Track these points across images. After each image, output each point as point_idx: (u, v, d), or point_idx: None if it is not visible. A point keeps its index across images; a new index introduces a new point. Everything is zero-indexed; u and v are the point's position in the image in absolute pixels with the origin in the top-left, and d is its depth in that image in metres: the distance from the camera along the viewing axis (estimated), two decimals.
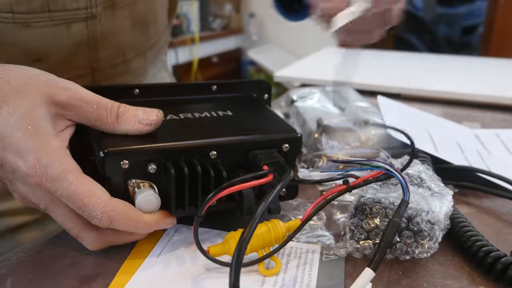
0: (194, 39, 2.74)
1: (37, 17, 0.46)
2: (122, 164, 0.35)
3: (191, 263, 0.37)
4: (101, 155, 0.34)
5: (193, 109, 0.44)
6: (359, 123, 0.61)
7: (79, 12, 0.48)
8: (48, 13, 0.46)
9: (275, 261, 0.36)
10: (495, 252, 0.36)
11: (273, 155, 0.38)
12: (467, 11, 4.32)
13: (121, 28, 0.55)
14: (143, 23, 0.58)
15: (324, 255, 0.38)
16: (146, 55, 0.61)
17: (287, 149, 0.40)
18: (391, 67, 1.28)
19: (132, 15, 0.55)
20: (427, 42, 4.28)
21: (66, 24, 0.48)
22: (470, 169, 0.54)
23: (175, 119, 0.42)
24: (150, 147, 0.36)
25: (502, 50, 2.71)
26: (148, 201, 0.35)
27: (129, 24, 0.56)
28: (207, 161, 0.37)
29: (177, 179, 0.36)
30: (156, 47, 0.64)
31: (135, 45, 0.58)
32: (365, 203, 0.38)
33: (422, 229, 0.37)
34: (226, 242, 0.36)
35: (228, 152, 0.38)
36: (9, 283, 0.34)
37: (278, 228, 0.36)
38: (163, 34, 0.66)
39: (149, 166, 0.36)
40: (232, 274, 0.27)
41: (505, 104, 0.91)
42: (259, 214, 0.30)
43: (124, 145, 0.35)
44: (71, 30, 0.49)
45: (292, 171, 0.35)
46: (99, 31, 0.51)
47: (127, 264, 0.37)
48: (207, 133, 0.40)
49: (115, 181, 0.35)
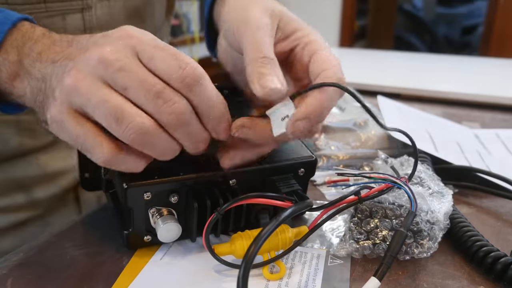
0: (194, 39, 2.74)
1: (33, 8, 0.45)
2: (145, 196, 0.35)
3: (194, 265, 0.37)
4: (124, 187, 0.34)
5: None
6: (359, 123, 0.61)
7: (74, 3, 0.48)
8: (44, 3, 0.46)
9: (280, 266, 0.36)
10: (495, 252, 0.36)
11: (291, 183, 0.39)
12: (467, 11, 4.32)
13: (116, 20, 0.54)
14: (139, 15, 0.58)
15: (330, 260, 0.38)
16: None
17: (303, 173, 0.41)
18: (391, 67, 1.28)
19: (127, 6, 0.55)
20: (427, 42, 4.28)
21: (61, 15, 0.48)
22: (470, 169, 0.54)
23: None
24: (172, 179, 0.36)
25: (502, 50, 2.71)
26: (170, 230, 0.36)
27: (124, 15, 0.55)
28: (226, 188, 0.38)
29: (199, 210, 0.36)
30: None
31: None
32: (365, 203, 0.38)
33: (422, 229, 0.37)
34: (232, 242, 0.36)
35: (247, 179, 0.38)
36: (10, 283, 0.34)
37: (286, 233, 0.36)
38: (160, 29, 0.66)
39: (171, 198, 0.36)
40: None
41: (504, 104, 0.91)
42: (267, 231, 0.31)
43: (146, 176, 0.35)
44: (67, 21, 0.48)
45: (311, 202, 0.36)
46: (95, 22, 0.51)
47: (129, 266, 0.37)
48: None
49: (137, 210, 0.36)
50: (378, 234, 0.37)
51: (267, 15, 0.38)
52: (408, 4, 4.47)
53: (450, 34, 4.41)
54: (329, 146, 0.58)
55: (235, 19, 0.38)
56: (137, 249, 0.39)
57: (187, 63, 0.32)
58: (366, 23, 4.26)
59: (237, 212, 0.38)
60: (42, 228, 0.56)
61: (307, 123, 0.33)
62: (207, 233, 0.34)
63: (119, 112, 0.30)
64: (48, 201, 0.56)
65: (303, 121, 0.33)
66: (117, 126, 0.30)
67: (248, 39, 0.36)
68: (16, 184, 0.54)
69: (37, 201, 0.56)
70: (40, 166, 0.55)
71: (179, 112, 0.31)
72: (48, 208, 0.57)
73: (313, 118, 0.34)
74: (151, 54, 0.31)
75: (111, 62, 0.30)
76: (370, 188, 0.38)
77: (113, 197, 0.43)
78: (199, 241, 0.39)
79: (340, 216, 0.44)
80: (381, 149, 0.56)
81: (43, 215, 0.56)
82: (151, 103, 0.31)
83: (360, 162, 0.56)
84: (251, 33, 0.36)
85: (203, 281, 0.35)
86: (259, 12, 0.37)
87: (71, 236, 0.41)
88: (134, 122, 0.30)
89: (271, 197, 0.36)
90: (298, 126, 0.33)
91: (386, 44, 3.95)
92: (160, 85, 0.31)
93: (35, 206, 0.56)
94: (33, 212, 0.56)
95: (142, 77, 0.31)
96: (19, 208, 0.55)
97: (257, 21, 0.37)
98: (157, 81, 0.31)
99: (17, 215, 0.55)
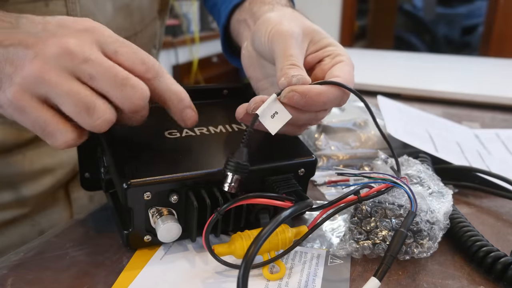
0: (194, 39, 2.74)
1: None
2: (145, 196, 0.35)
3: (194, 266, 0.37)
4: (124, 187, 0.34)
5: (208, 121, 0.44)
6: (359, 123, 0.61)
7: None
8: None
9: (280, 266, 0.36)
10: (495, 252, 0.36)
11: (291, 183, 0.39)
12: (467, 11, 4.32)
13: (102, 10, 0.54)
14: (125, 7, 0.58)
15: (330, 260, 0.38)
16: (131, 42, 0.60)
17: (303, 173, 0.40)
18: (391, 67, 1.28)
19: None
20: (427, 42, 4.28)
21: (44, 1, 0.48)
22: (470, 169, 0.54)
23: (191, 137, 0.41)
24: (173, 177, 0.36)
25: (502, 50, 2.71)
26: (170, 230, 0.36)
27: (110, 7, 0.55)
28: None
29: (199, 209, 0.36)
30: (142, 36, 0.63)
31: (117, 30, 0.57)
32: (365, 203, 0.38)
33: (422, 229, 0.37)
34: (232, 242, 0.36)
35: (247, 179, 0.38)
36: (10, 283, 0.34)
37: (285, 233, 0.36)
38: (150, 24, 0.65)
39: (171, 197, 0.36)
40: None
41: (504, 104, 0.91)
42: (267, 231, 0.31)
43: (146, 175, 0.35)
44: (49, 7, 0.48)
45: (311, 202, 0.36)
46: (79, 12, 0.51)
47: (129, 266, 0.37)
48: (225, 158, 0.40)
49: (137, 210, 0.36)
50: (378, 234, 0.37)
51: (300, 29, 0.42)
52: (408, 4, 4.47)
53: (450, 34, 4.42)
54: (329, 146, 0.58)
55: (268, 30, 0.42)
56: (137, 249, 0.39)
57: (148, 57, 0.35)
58: (366, 23, 4.26)
59: (237, 212, 0.38)
60: (30, 227, 0.55)
61: (300, 99, 0.36)
62: (207, 233, 0.34)
63: (91, 105, 0.32)
64: (36, 199, 0.55)
65: (299, 96, 0.36)
66: (88, 118, 0.32)
67: (280, 46, 0.40)
68: (2, 181, 0.53)
69: (24, 199, 0.55)
70: (26, 162, 0.54)
71: (145, 97, 0.34)
72: (36, 206, 0.56)
73: (308, 99, 0.36)
74: (115, 48, 0.34)
75: (77, 53, 0.32)
76: (370, 187, 0.38)
77: (113, 197, 0.43)
78: (199, 241, 0.39)
79: (340, 216, 0.44)
80: (381, 149, 0.56)
81: (32, 213, 0.55)
82: (117, 90, 0.33)
83: (360, 162, 0.56)
84: (284, 41, 0.40)
85: (203, 281, 0.35)
86: (293, 26, 0.42)
87: (71, 236, 0.41)
88: (106, 115, 0.33)
89: (271, 197, 0.36)
90: (292, 97, 0.36)
91: (386, 44, 3.95)
92: (125, 73, 0.33)
93: (23, 204, 0.55)
94: (20, 211, 0.55)
95: (108, 66, 0.33)
96: (6, 207, 0.54)
97: (290, 31, 0.41)
98: (122, 70, 0.33)
99: (4, 213, 0.54)
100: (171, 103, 0.37)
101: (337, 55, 0.41)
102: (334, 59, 0.41)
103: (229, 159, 0.35)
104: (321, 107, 0.38)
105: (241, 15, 0.53)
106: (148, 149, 0.39)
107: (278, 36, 0.41)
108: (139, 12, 0.61)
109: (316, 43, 0.42)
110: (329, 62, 0.41)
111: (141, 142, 0.39)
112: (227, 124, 0.44)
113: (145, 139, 0.40)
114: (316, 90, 0.37)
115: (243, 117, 0.38)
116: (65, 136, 0.33)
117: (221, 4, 0.58)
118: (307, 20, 0.45)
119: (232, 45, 0.57)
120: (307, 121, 0.40)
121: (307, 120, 0.39)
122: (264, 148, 0.42)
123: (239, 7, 0.54)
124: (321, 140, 0.58)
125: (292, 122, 0.38)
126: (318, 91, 0.37)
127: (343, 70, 0.39)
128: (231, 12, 0.54)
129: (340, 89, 0.38)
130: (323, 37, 0.43)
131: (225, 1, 0.56)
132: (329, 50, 0.42)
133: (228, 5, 0.55)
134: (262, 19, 0.44)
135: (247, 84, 0.50)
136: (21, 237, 0.55)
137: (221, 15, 0.57)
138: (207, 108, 0.46)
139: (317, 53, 0.42)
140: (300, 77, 0.37)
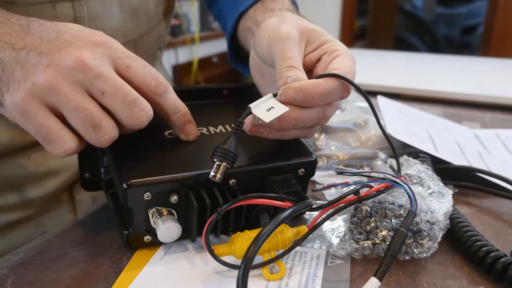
0: (194, 39, 2.74)
1: None
2: (145, 196, 0.35)
3: (194, 266, 0.37)
4: (124, 187, 0.34)
5: (208, 122, 0.44)
6: (359, 123, 0.61)
7: None
8: None
9: (280, 266, 0.36)
10: (495, 252, 0.36)
11: (291, 183, 0.39)
12: (467, 11, 4.32)
13: (109, 13, 0.54)
14: (132, 10, 0.58)
15: (330, 260, 0.38)
16: (137, 44, 0.60)
17: (303, 173, 0.40)
18: (391, 67, 1.28)
19: (121, 0, 0.55)
20: (427, 42, 4.28)
21: (51, 3, 0.47)
22: (470, 169, 0.54)
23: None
24: (173, 177, 0.36)
25: (502, 50, 2.71)
26: (170, 230, 0.36)
27: (117, 9, 0.55)
28: (226, 188, 0.38)
29: (199, 209, 0.36)
30: (148, 38, 0.63)
31: (124, 32, 0.57)
32: (365, 203, 0.38)
33: (422, 229, 0.37)
34: (232, 242, 0.36)
35: (246, 179, 0.38)
36: (10, 283, 0.34)
37: (285, 233, 0.36)
38: (156, 26, 0.65)
39: (171, 197, 0.36)
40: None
41: (504, 104, 0.91)
42: (267, 231, 0.31)
43: (146, 175, 0.35)
44: (57, 10, 0.48)
45: (311, 202, 0.36)
46: (86, 14, 0.51)
47: (129, 266, 0.37)
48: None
49: (137, 210, 0.36)
50: (378, 234, 0.37)
51: (297, 30, 0.42)
52: (408, 4, 4.47)
53: (450, 34, 4.42)
54: (329, 146, 0.58)
55: (266, 35, 0.43)
56: (137, 249, 0.39)
57: (157, 73, 0.36)
58: (366, 23, 4.26)
59: (237, 212, 0.38)
60: (35, 229, 0.56)
61: (297, 94, 0.36)
62: (207, 233, 0.34)
63: (97, 123, 0.33)
64: (40, 201, 0.55)
65: (294, 91, 0.36)
66: (94, 134, 0.34)
67: (277, 50, 0.40)
68: (7, 183, 0.53)
69: (29, 201, 0.55)
70: (31, 165, 0.54)
71: (149, 117, 0.35)
72: (41, 208, 0.56)
73: (306, 93, 0.36)
74: (127, 63, 0.35)
75: (92, 68, 0.33)
76: (369, 187, 0.38)
77: (113, 197, 0.43)
78: (199, 241, 0.39)
79: (340, 216, 0.44)
80: (381, 149, 0.56)
81: (36, 215, 0.56)
82: (126, 110, 0.34)
83: (360, 162, 0.56)
84: (281, 44, 0.40)
85: (203, 281, 0.35)
86: (290, 28, 0.42)
87: (71, 236, 0.41)
88: (111, 133, 0.34)
89: (271, 197, 0.36)
90: (288, 93, 0.36)
91: (386, 44, 3.95)
92: (135, 93, 0.34)
93: (27, 206, 0.55)
94: (25, 213, 0.55)
95: (120, 85, 0.34)
96: (11, 208, 0.54)
97: (287, 34, 0.41)
98: (132, 90, 0.34)
99: (8, 215, 0.54)
100: (175, 117, 0.38)
101: (334, 50, 0.42)
102: (332, 54, 0.41)
103: (217, 146, 0.35)
104: (322, 100, 0.38)
105: (247, 23, 0.53)
106: (148, 149, 0.39)
107: (275, 40, 0.41)
108: (146, 14, 0.61)
109: (313, 42, 0.43)
110: (327, 59, 0.41)
111: (141, 143, 0.39)
112: (227, 124, 0.44)
113: (145, 140, 0.40)
114: (312, 82, 0.37)
115: (250, 128, 0.38)
116: (66, 145, 0.34)
117: (227, 11, 0.58)
118: (305, 20, 0.45)
119: (241, 53, 0.58)
120: (316, 120, 0.39)
121: (316, 119, 0.39)
122: (264, 148, 0.42)
123: (244, 15, 0.54)
124: (321, 140, 0.58)
125: (301, 124, 0.38)
126: (315, 83, 0.37)
127: (341, 63, 0.40)
128: (237, 19, 0.55)
129: (339, 81, 0.38)
130: (320, 35, 0.43)
131: (231, 9, 0.57)
132: (326, 47, 0.42)
133: (235, 13, 0.55)
134: (262, 26, 0.45)
135: (251, 83, 0.50)
136: (25, 239, 0.55)
137: (228, 23, 0.57)
138: (207, 108, 0.46)
139: (315, 52, 0.42)
140: (294, 76, 0.37)
